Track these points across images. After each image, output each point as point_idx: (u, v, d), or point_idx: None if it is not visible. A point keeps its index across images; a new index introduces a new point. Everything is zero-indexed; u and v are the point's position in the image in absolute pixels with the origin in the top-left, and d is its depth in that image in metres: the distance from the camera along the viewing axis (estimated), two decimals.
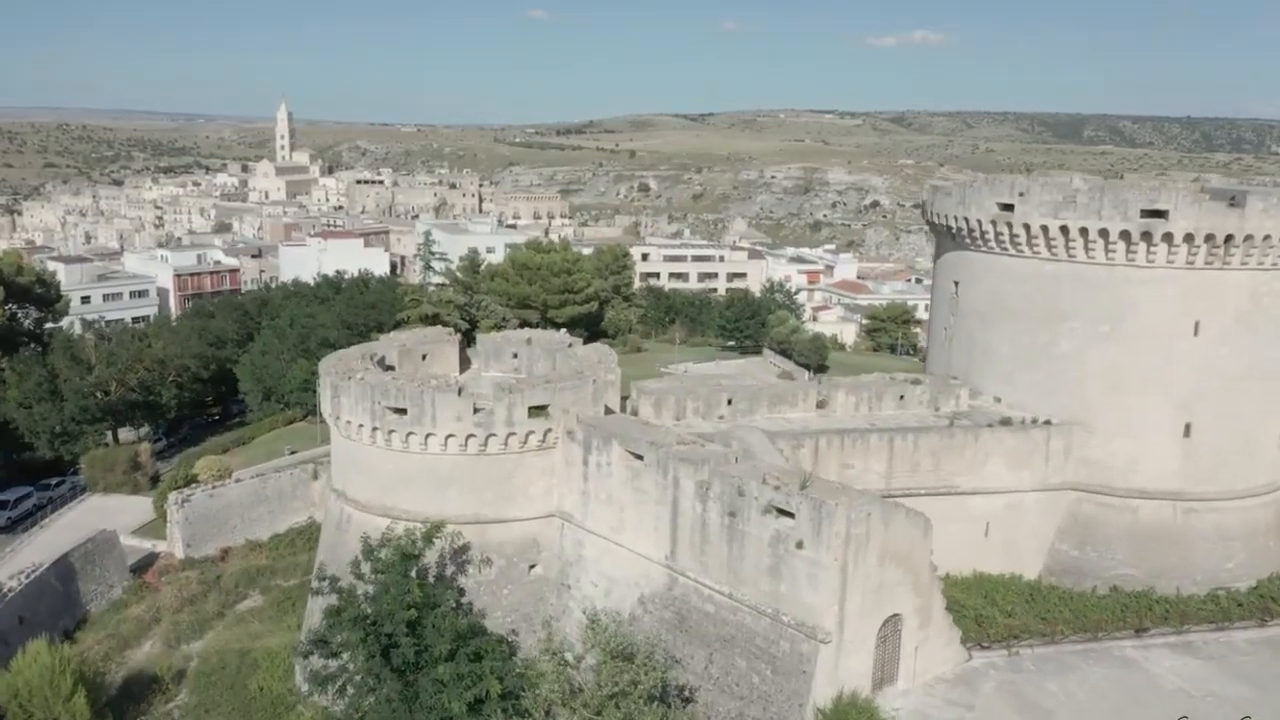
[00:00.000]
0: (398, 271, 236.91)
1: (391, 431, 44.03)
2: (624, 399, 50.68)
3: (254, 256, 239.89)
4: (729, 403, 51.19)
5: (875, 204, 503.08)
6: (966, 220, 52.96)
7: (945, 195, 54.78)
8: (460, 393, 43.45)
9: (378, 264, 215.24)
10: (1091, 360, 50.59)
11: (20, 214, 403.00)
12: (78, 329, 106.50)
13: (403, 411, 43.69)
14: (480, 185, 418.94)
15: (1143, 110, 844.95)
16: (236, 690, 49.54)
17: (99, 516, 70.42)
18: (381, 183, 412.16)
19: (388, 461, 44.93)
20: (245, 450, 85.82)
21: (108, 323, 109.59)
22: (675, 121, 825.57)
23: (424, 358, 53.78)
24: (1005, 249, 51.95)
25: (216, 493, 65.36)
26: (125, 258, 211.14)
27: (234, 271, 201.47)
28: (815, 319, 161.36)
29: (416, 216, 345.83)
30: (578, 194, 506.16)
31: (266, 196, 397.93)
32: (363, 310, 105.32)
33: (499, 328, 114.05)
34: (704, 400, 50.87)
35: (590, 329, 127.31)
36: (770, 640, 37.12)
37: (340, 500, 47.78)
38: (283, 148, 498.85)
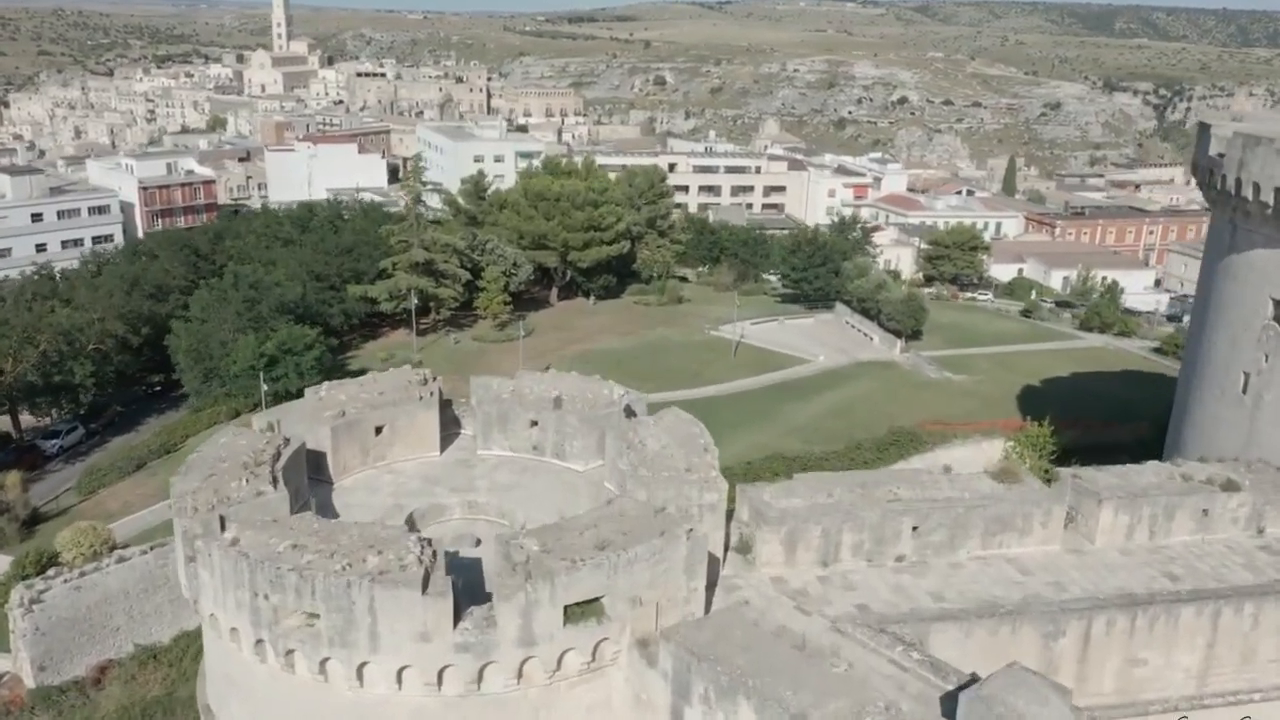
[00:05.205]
0: (400, 175, 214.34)
1: (291, 652, 22.23)
2: (729, 510, 28.62)
3: (241, 160, 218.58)
4: (914, 531, 29.04)
5: (903, 100, 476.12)
6: None
7: (1278, 153, 31.58)
8: (427, 583, 21.39)
9: (374, 174, 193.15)
10: None
11: (8, 106, 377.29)
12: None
13: (316, 616, 21.88)
14: (488, 79, 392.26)
15: (1177, 1, 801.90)
16: None
17: None
18: (384, 75, 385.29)
19: (289, 695, 23.18)
20: (168, 463, 64.38)
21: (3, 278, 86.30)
22: (689, 10, 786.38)
23: (378, 432, 31.27)
24: None
25: (87, 580, 43.71)
26: (89, 164, 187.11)
27: (208, 183, 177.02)
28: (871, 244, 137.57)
29: (420, 114, 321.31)
30: (590, 87, 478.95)
31: (263, 89, 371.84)
32: (335, 257, 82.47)
33: (509, 276, 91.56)
34: (870, 531, 28.55)
35: (619, 272, 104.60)
36: None
37: None
38: (279, 36, 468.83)
